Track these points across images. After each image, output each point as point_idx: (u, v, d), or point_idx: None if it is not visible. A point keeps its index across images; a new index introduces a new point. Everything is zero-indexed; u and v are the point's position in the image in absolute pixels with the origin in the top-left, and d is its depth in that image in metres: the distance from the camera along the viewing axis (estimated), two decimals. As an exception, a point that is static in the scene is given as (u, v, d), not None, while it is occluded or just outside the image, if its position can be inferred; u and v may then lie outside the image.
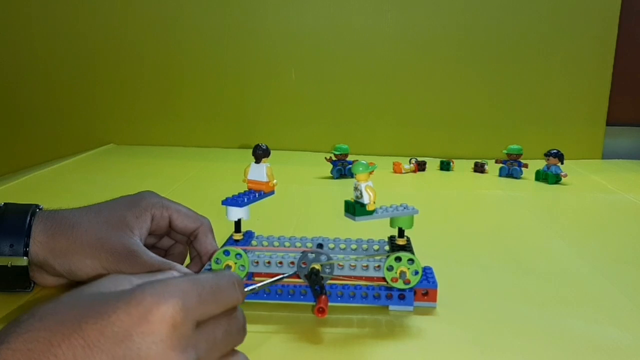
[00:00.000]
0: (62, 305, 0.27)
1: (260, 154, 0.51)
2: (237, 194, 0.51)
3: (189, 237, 0.53)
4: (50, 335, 0.25)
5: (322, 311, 0.42)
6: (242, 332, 0.33)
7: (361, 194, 0.45)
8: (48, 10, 1.34)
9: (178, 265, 0.47)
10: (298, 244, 0.52)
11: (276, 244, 0.53)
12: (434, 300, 0.48)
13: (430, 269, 0.51)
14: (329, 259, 0.47)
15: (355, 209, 0.46)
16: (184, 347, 0.27)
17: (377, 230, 0.52)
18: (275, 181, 0.51)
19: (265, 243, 0.53)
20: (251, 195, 0.50)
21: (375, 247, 0.52)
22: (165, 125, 1.38)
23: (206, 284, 0.30)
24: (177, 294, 0.27)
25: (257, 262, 0.48)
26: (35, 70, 1.37)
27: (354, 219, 0.46)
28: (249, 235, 0.54)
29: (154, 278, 0.31)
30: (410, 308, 0.47)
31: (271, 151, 0.51)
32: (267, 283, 0.44)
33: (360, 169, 0.45)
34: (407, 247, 0.49)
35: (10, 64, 1.37)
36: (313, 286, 0.46)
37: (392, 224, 0.48)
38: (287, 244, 0.53)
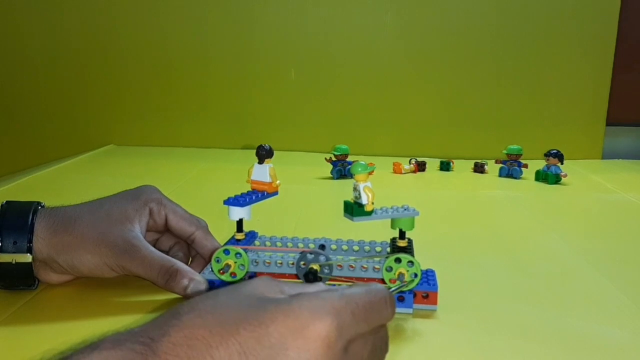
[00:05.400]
0: (221, 305, 0.27)
1: (263, 154, 0.51)
2: (239, 194, 0.51)
3: (186, 240, 0.53)
4: (209, 335, 0.25)
5: None
6: (386, 349, 0.32)
7: (360, 194, 0.45)
8: (48, 11, 1.34)
9: (180, 263, 0.47)
10: (300, 245, 0.52)
11: (279, 244, 0.53)
12: (435, 303, 0.47)
13: (432, 271, 0.50)
14: (328, 259, 0.47)
15: (353, 209, 0.46)
16: None
17: (380, 231, 0.52)
18: (278, 182, 0.51)
19: (268, 243, 0.53)
20: (253, 195, 0.50)
21: (378, 248, 0.52)
22: (165, 125, 1.38)
23: (359, 301, 0.29)
24: (333, 312, 0.27)
25: (257, 262, 0.48)
26: (35, 70, 1.37)
27: (352, 220, 0.46)
28: (251, 235, 0.54)
29: (303, 287, 0.31)
30: (410, 310, 0.47)
31: (274, 152, 0.51)
32: None
33: (359, 169, 0.45)
34: (408, 249, 0.49)
35: (10, 64, 1.37)
36: None
37: (392, 225, 0.48)
38: (289, 244, 0.53)
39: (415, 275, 0.45)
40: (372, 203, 0.46)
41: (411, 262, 0.45)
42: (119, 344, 0.25)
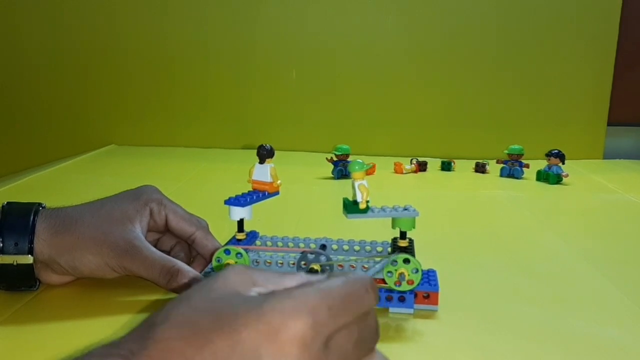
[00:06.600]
0: (194, 311, 0.27)
1: (264, 154, 0.51)
2: (240, 194, 0.51)
3: (187, 240, 0.53)
4: (185, 347, 0.25)
5: None
6: (375, 336, 0.31)
7: (355, 192, 0.46)
8: (48, 10, 1.34)
9: (181, 263, 0.47)
10: (301, 245, 0.52)
11: (280, 244, 0.53)
12: (435, 303, 0.47)
13: (434, 272, 0.50)
14: (329, 259, 0.47)
15: (346, 206, 0.46)
16: None
17: (381, 231, 0.52)
18: (279, 181, 0.51)
19: (269, 243, 0.53)
20: (254, 195, 0.50)
21: (379, 248, 0.52)
22: (166, 125, 1.38)
23: (336, 294, 0.28)
24: (306, 311, 0.27)
25: (258, 262, 0.48)
26: (36, 70, 1.38)
27: (347, 217, 0.46)
28: (253, 235, 0.54)
29: (280, 279, 0.30)
30: (411, 311, 0.47)
31: (275, 151, 0.51)
32: None
33: (356, 167, 0.46)
34: (409, 249, 0.48)
35: (10, 64, 1.38)
36: None
37: (393, 226, 0.48)
38: (290, 244, 0.53)
39: (417, 270, 0.45)
40: (366, 201, 0.46)
41: (407, 259, 0.45)
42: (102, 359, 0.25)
